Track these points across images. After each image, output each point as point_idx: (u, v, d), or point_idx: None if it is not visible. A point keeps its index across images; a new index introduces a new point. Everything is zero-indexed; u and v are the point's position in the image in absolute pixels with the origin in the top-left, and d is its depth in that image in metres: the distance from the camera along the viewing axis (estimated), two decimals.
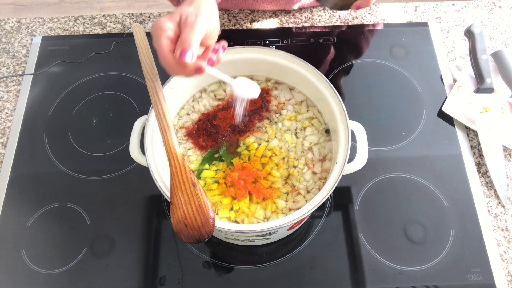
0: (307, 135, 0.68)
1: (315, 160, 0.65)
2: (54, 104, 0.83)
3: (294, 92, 0.71)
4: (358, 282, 0.66)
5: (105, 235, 0.70)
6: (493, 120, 0.78)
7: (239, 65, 0.68)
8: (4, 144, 0.79)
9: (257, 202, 0.63)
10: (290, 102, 0.70)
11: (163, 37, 0.50)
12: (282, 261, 0.68)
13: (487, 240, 0.69)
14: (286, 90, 0.71)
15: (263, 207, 0.62)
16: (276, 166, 0.65)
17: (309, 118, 0.69)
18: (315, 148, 0.66)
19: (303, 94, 0.70)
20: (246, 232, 0.55)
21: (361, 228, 0.70)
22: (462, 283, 0.66)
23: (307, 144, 0.67)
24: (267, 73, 0.71)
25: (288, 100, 0.71)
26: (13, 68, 0.87)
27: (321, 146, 0.67)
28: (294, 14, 0.94)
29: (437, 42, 0.90)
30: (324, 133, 0.68)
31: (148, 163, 0.57)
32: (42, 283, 0.66)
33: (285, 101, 0.71)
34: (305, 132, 0.68)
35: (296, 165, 0.65)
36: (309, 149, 0.66)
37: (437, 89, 0.84)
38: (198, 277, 0.66)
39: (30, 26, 0.93)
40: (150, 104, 0.61)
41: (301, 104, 0.70)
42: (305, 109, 0.69)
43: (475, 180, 0.75)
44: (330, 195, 0.55)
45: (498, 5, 0.95)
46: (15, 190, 0.74)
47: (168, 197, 0.54)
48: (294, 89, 0.71)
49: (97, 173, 0.75)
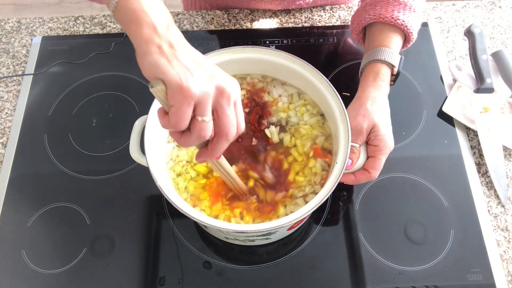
0: (306, 120, 0.68)
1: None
2: (54, 104, 0.83)
3: (285, 86, 0.71)
4: (358, 282, 0.66)
5: (105, 235, 0.70)
6: (493, 120, 0.78)
7: (239, 65, 0.68)
8: (4, 144, 0.79)
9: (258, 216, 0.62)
10: (284, 95, 0.70)
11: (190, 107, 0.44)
12: (282, 261, 0.68)
13: (487, 240, 0.69)
14: (278, 85, 0.71)
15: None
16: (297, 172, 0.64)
17: (302, 105, 0.69)
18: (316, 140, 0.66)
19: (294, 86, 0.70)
20: (246, 232, 0.55)
21: (361, 228, 0.70)
22: (462, 283, 0.66)
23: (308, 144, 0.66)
24: (267, 73, 0.71)
25: (280, 97, 0.71)
26: (13, 68, 0.87)
27: (321, 130, 0.67)
28: (294, 14, 0.94)
29: (437, 42, 0.90)
30: (320, 116, 0.68)
31: (148, 163, 0.57)
32: (42, 283, 0.66)
33: (278, 96, 0.70)
34: (304, 117, 0.68)
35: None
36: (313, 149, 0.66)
37: (437, 89, 0.84)
38: (198, 277, 0.66)
39: (30, 26, 0.93)
40: (150, 104, 0.61)
41: (292, 96, 0.70)
42: (297, 98, 0.70)
43: (475, 180, 0.75)
44: (330, 195, 0.55)
45: (498, 5, 0.95)
46: (15, 190, 0.74)
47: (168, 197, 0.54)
48: (286, 83, 0.71)
49: (97, 173, 0.75)
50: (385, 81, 0.69)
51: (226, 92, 0.46)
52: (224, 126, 0.47)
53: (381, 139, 0.64)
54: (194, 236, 0.70)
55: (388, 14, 0.70)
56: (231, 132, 0.47)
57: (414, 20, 0.71)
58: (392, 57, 0.69)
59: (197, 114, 0.45)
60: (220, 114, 0.46)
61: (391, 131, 0.66)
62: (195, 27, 0.92)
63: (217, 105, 0.46)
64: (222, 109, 0.46)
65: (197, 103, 0.44)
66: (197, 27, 0.92)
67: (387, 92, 0.69)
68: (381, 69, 0.69)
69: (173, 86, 0.42)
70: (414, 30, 0.71)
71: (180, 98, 0.43)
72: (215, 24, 0.93)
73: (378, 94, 0.67)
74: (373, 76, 0.69)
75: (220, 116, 0.46)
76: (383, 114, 0.66)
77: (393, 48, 0.70)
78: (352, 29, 0.77)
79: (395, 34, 0.71)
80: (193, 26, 0.92)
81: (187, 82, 0.43)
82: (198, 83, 0.43)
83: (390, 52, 0.69)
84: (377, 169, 0.64)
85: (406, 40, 0.73)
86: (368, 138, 0.65)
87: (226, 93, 0.46)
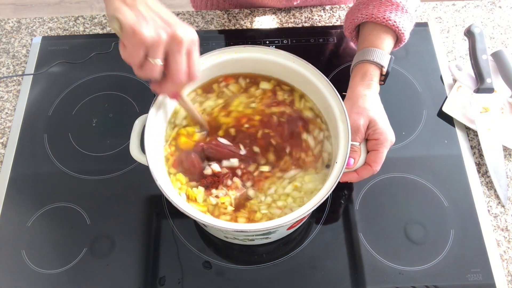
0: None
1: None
2: (54, 104, 0.83)
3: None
4: (358, 282, 0.66)
5: (105, 235, 0.70)
6: (493, 120, 0.78)
7: (239, 64, 0.68)
8: (4, 144, 0.79)
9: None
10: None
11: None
12: (282, 261, 0.68)
13: (487, 240, 0.69)
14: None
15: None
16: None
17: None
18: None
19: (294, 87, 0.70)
20: (245, 231, 0.55)
21: (361, 228, 0.70)
22: (462, 283, 0.66)
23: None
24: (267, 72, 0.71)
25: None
26: (13, 68, 0.87)
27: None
28: (294, 14, 0.94)
29: (437, 42, 0.90)
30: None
31: (148, 162, 0.57)
32: (42, 283, 0.66)
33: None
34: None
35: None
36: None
37: (437, 89, 0.84)
38: (198, 277, 0.66)
39: (30, 26, 0.93)
40: (149, 103, 0.61)
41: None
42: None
43: (475, 180, 0.75)
44: (329, 194, 0.55)
45: (498, 5, 0.95)
46: (15, 190, 0.74)
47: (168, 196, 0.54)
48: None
49: (97, 173, 0.75)
50: (373, 80, 0.69)
51: (178, 39, 0.50)
52: (172, 71, 0.52)
53: (381, 132, 0.64)
54: (194, 236, 0.70)
55: (380, 14, 0.70)
56: (177, 77, 0.52)
57: (407, 21, 0.71)
58: (381, 58, 0.69)
59: (149, 55, 0.50)
60: (170, 60, 0.51)
61: (389, 124, 0.66)
62: (195, 27, 0.92)
63: (169, 51, 0.51)
64: (172, 55, 0.51)
65: (148, 46, 0.49)
66: (197, 27, 0.92)
67: (377, 90, 0.69)
68: (369, 69, 0.69)
69: (127, 28, 0.48)
70: (406, 30, 0.72)
71: (131, 40, 0.48)
72: (215, 24, 0.93)
73: (368, 92, 0.67)
74: (360, 76, 0.69)
75: (169, 62, 0.51)
76: (377, 109, 0.66)
77: (384, 49, 0.70)
78: (345, 27, 0.78)
79: (386, 34, 0.71)
80: (193, 26, 0.93)
81: (140, 26, 0.48)
82: (151, 28, 0.48)
83: (380, 52, 0.69)
84: (378, 162, 0.64)
85: (398, 40, 0.74)
86: (367, 134, 0.65)
87: (178, 40, 0.50)
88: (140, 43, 0.48)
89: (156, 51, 0.50)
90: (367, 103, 0.66)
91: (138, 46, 0.49)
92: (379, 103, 0.68)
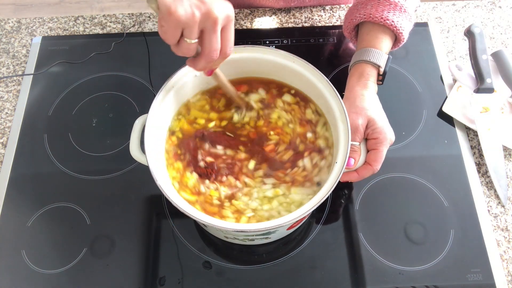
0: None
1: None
2: (54, 104, 0.83)
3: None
4: (358, 282, 0.66)
5: (105, 235, 0.70)
6: (493, 120, 0.78)
7: (239, 64, 0.68)
8: (4, 144, 0.79)
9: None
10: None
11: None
12: (282, 261, 0.68)
13: (487, 240, 0.69)
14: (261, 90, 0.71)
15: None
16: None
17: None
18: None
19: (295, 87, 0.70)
20: (246, 231, 0.55)
21: (361, 228, 0.70)
22: (462, 283, 0.66)
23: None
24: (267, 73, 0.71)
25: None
26: (13, 68, 0.87)
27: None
28: (294, 14, 0.94)
29: (437, 42, 0.90)
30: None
31: (148, 162, 0.57)
32: (42, 283, 0.66)
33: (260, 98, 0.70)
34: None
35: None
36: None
37: (437, 89, 0.84)
38: (198, 277, 0.66)
39: (30, 26, 0.93)
40: (150, 103, 0.61)
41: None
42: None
43: (475, 180, 0.75)
44: (329, 194, 0.55)
45: (498, 5, 0.95)
46: (15, 190, 0.74)
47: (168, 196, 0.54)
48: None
49: (97, 173, 0.75)
50: (370, 80, 0.69)
51: (213, 17, 0.50)
52: (205, 49, 0.53)
53: (380, 131, 0.64)
54: (194, 236, 0.70)
55: (378, 14, 0.70)
56: (210, 56, 0.53)
57: (405, 20, 0.71)
58: (378, 58, 0.69)
59: (184, 35, 0.51)
60: (203, 38, 0.52)
61: (388, 122, 0.66)
62: None
63: (204, 29, 0.51)
64: (207, 33, 0.52)
65: (184, 26, 0.50)
66: None
67: (374, 90, 0.69)
68: (366, 69, 0.69)
69: (163, 10, 0.48)
70: (405, 30, 0.71)
71: (167, 21, 0.49)
72: None
73: (366, 92, 0.67)
74: (357, 76, 0.69)
75: (203, 40, 0.52)
76: (375, 108, 0.66)
77: (381, 48, 0.70)
78: (344, 27, 0.78)
79: (384, 34, 0.71)
80: None
81: (176, 7, 0.48)
82: (186, 8, 0.49)
83: (377, 53, 0.69)
84: (378, 161, 0.64)
85: (397, 40, 0.73)
86: (366, 133, 0.65)
87: (212, 18, 0.50)
88: (176, 23, 0.49)
89: (191, 31, 0.50)
90: (365, 103, 0.66)
91: (173, 26, 0.49)
92: (377, 102, 0.68)
